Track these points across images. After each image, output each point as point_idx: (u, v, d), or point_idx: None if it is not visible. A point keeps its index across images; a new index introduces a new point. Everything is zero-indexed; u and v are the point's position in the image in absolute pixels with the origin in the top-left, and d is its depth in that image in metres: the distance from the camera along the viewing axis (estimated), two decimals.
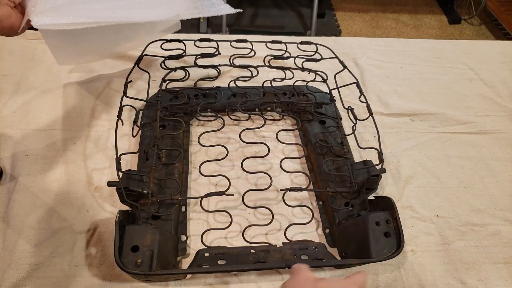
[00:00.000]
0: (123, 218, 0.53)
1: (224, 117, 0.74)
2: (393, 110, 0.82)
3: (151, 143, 0.65)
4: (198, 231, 0.60)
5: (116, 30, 0.66)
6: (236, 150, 0.72)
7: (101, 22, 0.57)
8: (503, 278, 0.60)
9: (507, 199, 0.70)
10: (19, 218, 0.59)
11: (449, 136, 0.79)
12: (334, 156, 0.68)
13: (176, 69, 0.74)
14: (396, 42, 1.00)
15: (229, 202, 0.65)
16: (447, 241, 0.63)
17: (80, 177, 0.65)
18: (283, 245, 0.57)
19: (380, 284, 0.57)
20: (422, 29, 2.26)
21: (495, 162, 0.75)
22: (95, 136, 0.71)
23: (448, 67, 0.95)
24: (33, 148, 0.68)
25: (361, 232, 0.55)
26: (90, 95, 0.78)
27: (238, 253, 0.55)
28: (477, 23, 2.33)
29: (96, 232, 0.59)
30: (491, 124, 0.82)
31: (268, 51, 0.79)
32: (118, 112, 0.61)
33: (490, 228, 0.65)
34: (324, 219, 0.64)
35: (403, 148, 0.76)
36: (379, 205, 0.60)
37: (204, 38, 0.79)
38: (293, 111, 0.76)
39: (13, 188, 0.63)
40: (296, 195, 0.66)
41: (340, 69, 0.77)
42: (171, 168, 0.63)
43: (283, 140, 0.66)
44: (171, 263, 0.53)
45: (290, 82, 0.76)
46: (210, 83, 0.79)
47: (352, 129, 0.69)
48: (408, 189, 0.69)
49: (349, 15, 2.30)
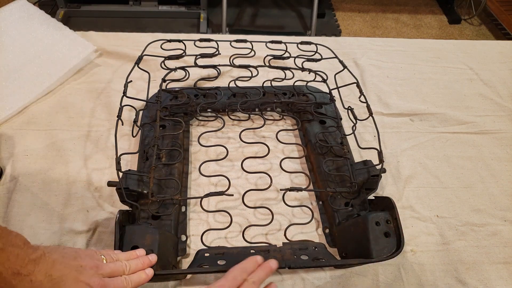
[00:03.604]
0: (123, 218, 0.53)
1: (224, 117, 0.74)
2: (393, 110, 0.82)
3: (151, 143, 0.65)
4: (198, 231, 0.60)
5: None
6: (236, 150, 0.72)
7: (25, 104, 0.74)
8: (503, 278, 0.60)
9: (507, 199, 0.70)
10: (19, 218, 0.59)
11: (449, 136, 0.79)
12: (334, 156, 0.68)
13: (176, 69, 0.74)
14: (396, 42, 1.00)
15: (229, 202, 0.65)
16: (447, 241, 0.63)
17: (80, 177, 0.65)
18: (283, 245, 0.57)
19: (380, 284, 0.57)
20: (422, 29, 2.26)
21: (495, 162, 0.75)
22: (95, 136, 0.71)
23: (448, 67, 0.95)
24: (33, 148, 0.68)
25: (361, 232, 0.55)
26: (90, 95, 0.78)
27: (238, 253, 0.55)
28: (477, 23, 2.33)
29: (96, 232, 0.59)
30: (491, 124, 0.82)
31: (268, 51, 0.78)
32: (118, 112, 0.61)
33: (490, 228, 0.65)
34: (324, 219, 0.64)
35: (403, 148, 0.76)
36: (379, 205, 0.60)
37: (204, 38, 0.79)
38: (293, 111, 0.76)
39: (13, 188, 0.63)
40: (296, 195, 0.66)
41: (340, 69, 0.77)
42: (171, 168, 0.63)
43: (283, 140, 0.66)
44: (171, 263, 0.53)
45: (290, 82, 0.76)
46: (210, 83, 0.79)
47: (352, 129, 0.69)
48: (408, 189, 0.69)
49: (349, 15, 2.30)
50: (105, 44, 0.88)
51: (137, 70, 0.70)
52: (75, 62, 0.81)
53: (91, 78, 0.82)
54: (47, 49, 0.82)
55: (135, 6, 1.96)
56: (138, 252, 0.50)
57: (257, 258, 0.48)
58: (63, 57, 0.81)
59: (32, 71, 0.78)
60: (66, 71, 0.79)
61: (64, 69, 0.79)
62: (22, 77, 0.77)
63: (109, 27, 1.87)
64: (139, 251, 0.50)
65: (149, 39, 0.78)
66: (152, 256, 0.49)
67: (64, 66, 0.80)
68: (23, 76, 0.77)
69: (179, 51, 0.75)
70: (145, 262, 0.48)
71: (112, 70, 0.84)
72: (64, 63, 0.80)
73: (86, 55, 0.82)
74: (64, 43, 0.84)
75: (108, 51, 0.87)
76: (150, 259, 0.49)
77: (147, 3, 1.96)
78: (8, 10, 0.88)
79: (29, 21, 0.87)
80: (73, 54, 0.82)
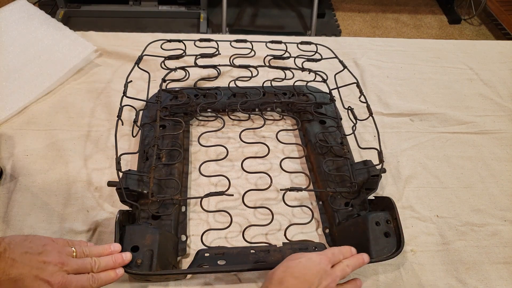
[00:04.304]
0: (123, 218, 0.53)
1: (224, 117, 0.74)
2: (393, 110, 0.82)
3: (151, 143, 0.65)
4: (198, 231, 0.60)
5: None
6: (236, 150, 0.72)
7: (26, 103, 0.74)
8: (503, 278, 0.60)
9: (507, 199, 0.70)
10: (19, 218, 0.59)
11: (449, 136, 0.79)
12: (334, 156, 0.68)
13: (176, 69, 0.74)
14: (396, 42, 1.00)
15: (229, 202, 0.65)
16: (447, 241, 0.63)
17: (80, 177, 0.65)
18: (283, 245, 0.57)
19: (380, 284, 0.57)
20: (422, 29, 2.26)
21: (495, 162, 0.75)
22: (95, 136, 0.71)
23: (448, 67, 0.95)
24: (33, 148, 0.68)
25: (361, 232, 0.55)
26: (90, 95, 0.78)
27: (238, 253, 0.55)
28: (477, 23, 2.33)
29: (96, 232, 0.59)
30: (491, 124, 0.82)
31: (268, 51, 0.78)
32: (118, 112, 0.61)
33: (490, 228, 0.65)
34: (324, 219, 0.64)
35: (403, 148, 0.76)
36: (379, 205, 0.60)
37: (204, 38, 0.79)
38: (293, 111, 0.76)
39: (13, 188, 0.63)
40: (296, 195, 0.66)
41: (340, 69, 0.77)
42: (171, 168, 0.63)
43: (283, 140, 0.66)
44: (171, 263, 0.53)
45: (290, 82, 0.76)
46: (210, 83, 0.79)
47: (352, 129, 0.69)
48: (408, 189, 0.69)
49: (349, 15, 2.30)
50: (105, 44, 0.88)
51: (137, 70, 0.70)
52: (75, 62, 0.81)
53: (91, 78, 0.82)
54: (47, 49, 0.83)
55: (135, 6, 1.96)
56: (112, 247, 0.49)
57: (351, 249, 0.52)
58: (63, 57, 0.81)
59: (32, 71, 0.78)
60: (66, 71, 0.79)
61: (64, 69, 0.79)
62: (22, 77, 0.77)
63: (109, 27, 1.87)
64: (114, 245, 0.49)
65: (149, 39, 0.78)
66: (126, 255, 0.48)
67: (64, 66, 0.80)
68: (23, 76, 0.77)
69: (179, 51, 0.75)
70: (117, 260, 0.48)
71: (112, 70, 0.84)
72: (64, 63, 0.80)
73: (86, 55, 0.82)
74: (64, 43, 0.84)
75: (108, 51, 0.87)
76: (123, 257, 0.48)
77: (147, 3, 1.97)
78: (8, 10, 0.88)
79: (29, 21, 0.87)
80: (73, 54, 0.82)
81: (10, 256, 0.41)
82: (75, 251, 0.46)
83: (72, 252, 0.46)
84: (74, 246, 0.47)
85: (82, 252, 0.47)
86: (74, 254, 0.46)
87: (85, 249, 0.47)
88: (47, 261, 0.43)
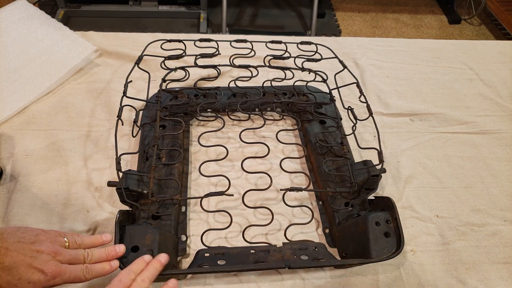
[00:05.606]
0: (123, 218, 0.53)
1: (224, 117, 0.74)
2: (393, 110, 0.82)
3: (151, 143, 0.65)
4: (198, 231, 0.60)
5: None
6: (236, 150, 0.72)
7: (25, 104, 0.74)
8: (503, 278, 0.60)
9: (507, 199, 0.70)
10: (19, 218, 0.59)
11: (449, 136, 0.79)
12: (334, 156, 0.68)
13: (176, 69, 0.74)
14: (396, 42, 1.00)
15: (229, 202, 0.65)
16: (447, 241, 0.63)
17: (80, 177, 0.65)
18: (283, 245, 0.57)
19: (380, 284, 0.57)
20: (422, 29, 2.26)
21: (495, 162, 0.75)
22: (95, 136, 0.71)
23: (448, 67, 0.95)
24: (33, 148, 0.68)
25: (361, 232, 0.55)
26: (90, 95, 0.78)
27: (238, 253, 0.55)
28: (477, 23, 2.33)
29: (96, 232, 0.59)
30: (491, 124, 0.82)
31: (268, 51, 0.78)
32: (118, 112, 0.61)
33: (490, 228, 0.65)
34: (324, 219, 0.64)
35: (403, 148, 0.76)
36: (379, 205, 0.60)
37: (204, 38, 0.79)
38: (293, 111, 0.76)
39: (13, 188, 0.63)
40: (296, 195, 0.66)
41: (340, 69, 0.77)
42: (171, 168, 0.63)
43: (283, 140, 0.66)
44: (171, 263, 0.53)
45: (290, 82, 0.76)
46: (210, 83, 0.79)
47: (352, 129, 0.69)
48: (408, 189, 0.69)
49: (349, 15, 2.30)
50: (105, 44, 0.88)
51: (137, 70, 0.70)
52: (75, 62, 0.81)
53: (91, 78, 0.82)
54: (47, 50, 0.83)
55: (135, 6, 1.96)
56: (104, 237, 0.49)
57: (144, 258, 0.48)
58: (63, 57, 0.81)
59: (32, 72, 0.78)
60: (66, 71, 0.79)
61: (64, 69, 0.79)
62: (22, 78, 0.77)
63: (109, 27, 1.87)
64: (105, 235, 0.49)
65: (149, 39, 0.78)
66: (120, 247, 0.48)
67: (64, 66, 0.80)
68: (24, 76, 0.78)
69: (179, 51, 0.75)
70: (110, 252, 0.47)
71: (112, 70, 0.84)
72: (64, 63, 0.80)
73: (86, 55, 0.82)
74: (64, 43, 0.84)
75: (108, 51, 0.87)
76: (116, 250, 0.48)
77: (147, 3, 1.97)
78: (8, 10, 0.88)
79: (29, 21, 0.87)
80: (73, 54, 0.82)
81: (3, 246, 0.41)
82: (68, 241, 0.46)
83: (64, 242, 0.46)
84: (66, 237, 0.47)
85: (75, 241, 0.47)
86: (66, 244, 0.46)
87: (77, 238, 0.47)
88: (40, 250, 0.43)
